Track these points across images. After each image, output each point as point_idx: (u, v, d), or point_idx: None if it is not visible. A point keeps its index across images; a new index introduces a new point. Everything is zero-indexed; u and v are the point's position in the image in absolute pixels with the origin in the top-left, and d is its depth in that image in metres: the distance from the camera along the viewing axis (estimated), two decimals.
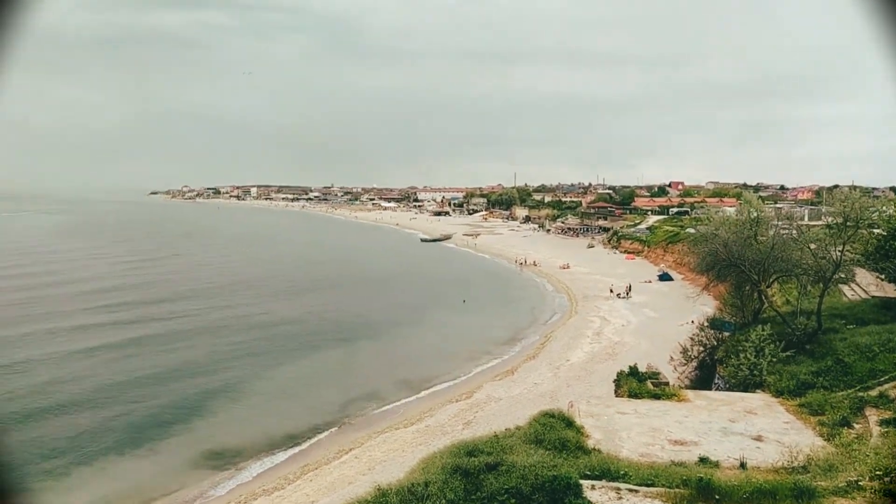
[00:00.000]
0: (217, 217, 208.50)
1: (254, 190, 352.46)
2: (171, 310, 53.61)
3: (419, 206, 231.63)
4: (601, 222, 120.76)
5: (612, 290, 60.62)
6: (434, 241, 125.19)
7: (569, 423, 13.78)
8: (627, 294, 59.60)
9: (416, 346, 45.26)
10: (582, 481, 9.95)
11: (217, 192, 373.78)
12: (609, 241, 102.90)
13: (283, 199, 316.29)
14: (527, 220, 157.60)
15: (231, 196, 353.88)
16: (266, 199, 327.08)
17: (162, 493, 23.53)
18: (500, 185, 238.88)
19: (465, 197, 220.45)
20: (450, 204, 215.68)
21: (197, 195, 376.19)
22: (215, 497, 23.60)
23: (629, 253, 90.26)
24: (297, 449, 27.73)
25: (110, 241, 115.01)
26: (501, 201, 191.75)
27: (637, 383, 18.02)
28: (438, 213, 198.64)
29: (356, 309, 57.08)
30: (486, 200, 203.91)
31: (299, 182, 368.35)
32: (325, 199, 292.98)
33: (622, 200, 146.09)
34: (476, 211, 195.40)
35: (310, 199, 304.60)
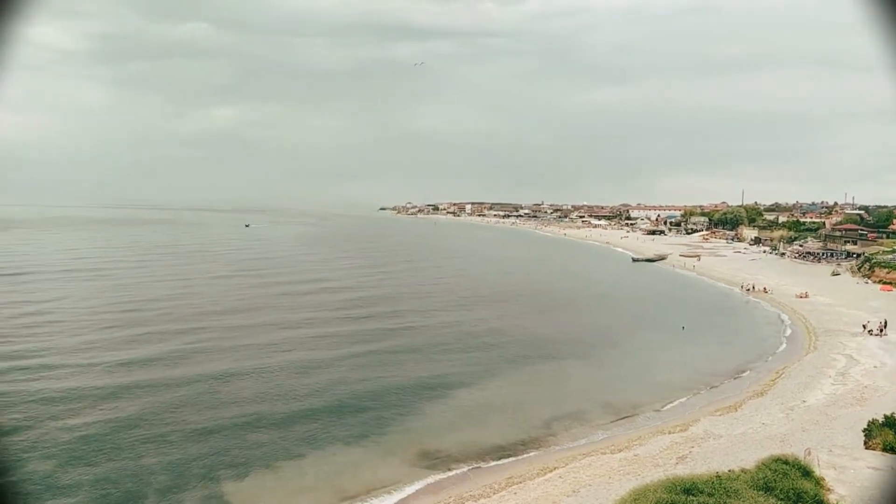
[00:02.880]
0: (438, 232, 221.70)
1: (468, 207, 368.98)
2: (412, 321, 57.47)
3: (632, 224, 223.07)
4: (849, 247, 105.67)
5: (864, 326, 52.44)
6: (647, 261, 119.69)
7: (806, 472, 12.31)
8: (882, 331, 51.07)
9: (629, 369, 43.60)
10: None
11: (436, 208, 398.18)
12: (859, 268, 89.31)
13: (494, 215, 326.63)
14: (756, 241, 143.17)
15: (448, 212, 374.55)
16: (479, 215, 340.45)
17: (381, 483, 25.71)
18: (724, 203, 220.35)
19: (682, 215, 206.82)
20: (665, 222, 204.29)
21: (418, 211, 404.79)
22: (426, 494, 25.14)
23: (885, 283, 77.35)
24: (502, 460, 28.31)
25: (358, 252, 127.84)
26: (726, 220, 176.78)
27: (894, 436, 15.46)
28: (652, 232, 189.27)
29: (571, 328, 57.05)
30: (707, 219, 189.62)
31: (510, 199, 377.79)
32: (535, 217, 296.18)
33: (877, 222, 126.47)
34: (695, 230, 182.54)
35: (519, 215, 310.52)
